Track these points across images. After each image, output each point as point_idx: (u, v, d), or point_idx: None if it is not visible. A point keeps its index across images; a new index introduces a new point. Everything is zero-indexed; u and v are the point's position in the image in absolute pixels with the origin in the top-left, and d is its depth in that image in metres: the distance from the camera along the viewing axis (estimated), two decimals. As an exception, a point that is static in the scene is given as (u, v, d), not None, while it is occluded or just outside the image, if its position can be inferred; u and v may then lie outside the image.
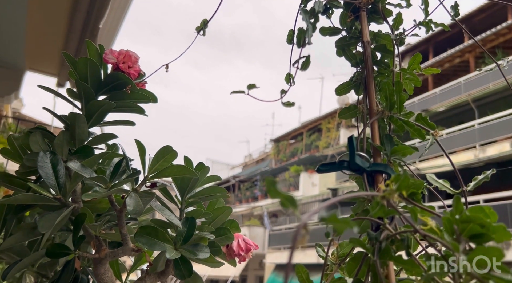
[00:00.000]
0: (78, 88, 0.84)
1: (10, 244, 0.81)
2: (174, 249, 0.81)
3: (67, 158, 0.82)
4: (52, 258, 0.80)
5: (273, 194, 0.30)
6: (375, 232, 0.47)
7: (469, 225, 0.37)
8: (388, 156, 0.53)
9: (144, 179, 0.79)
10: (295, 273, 0.52)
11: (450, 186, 0.59)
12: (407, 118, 0.55)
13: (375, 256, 0.44)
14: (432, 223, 0.40)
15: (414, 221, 0.40)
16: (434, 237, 0.37)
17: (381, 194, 0.37)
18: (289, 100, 0.57)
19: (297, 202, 0.28)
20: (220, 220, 0.95)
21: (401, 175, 0.35)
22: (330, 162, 0.55)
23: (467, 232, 0.37)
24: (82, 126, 0.82)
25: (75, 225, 0.76)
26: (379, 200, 0.37)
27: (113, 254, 0.79)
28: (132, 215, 0.72)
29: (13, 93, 3.64)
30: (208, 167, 0.92)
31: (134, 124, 0.93)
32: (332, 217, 0.27)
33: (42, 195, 0.75)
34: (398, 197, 0.37)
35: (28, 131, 0.84)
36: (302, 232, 0.27)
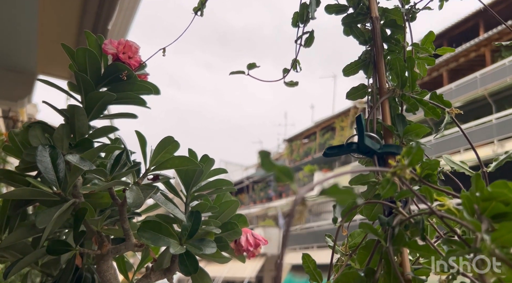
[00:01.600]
0: (77, 80, 0.81)
1: (10, 242, 0.79)
2: (179, 244, 0.78)
3: (67, 152, 0.79)
4: (53, 255, 0.77)
5: (267, 167, 0.26)
6: (387, 217, 0.43)
7: (491, 203, 0.33)
8: (401, 136, 0.49)
9: (146, 171, 0.76)
10: (302, 263, 0.48)
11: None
12: (421, 96, 0.51)
13: (387, 243, 0.40)
14: (449, 203, 0.36)
15: (430, 202, 0.35)
16: (453, 218, 0.33)
17: (391, 170, 0.33)
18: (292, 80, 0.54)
19: (293, 173, 0.25)
20: (228, 214, 0.92)
21: (414, 147, 0.31)
22: (338, 145, 0.51)
23: (490, 211, 0.33)
24: (82, 119, 0.80)
25: (75, 220, 0.73)
26: (389, 176, 0.33)
27: (116, 250, 0.77)
28: (132, 207, 0.69)
29: (26, 97, 3.68)
30: (213, 159, 0.89)
31: (136, 117, 0.90)
32: (333, 188, 0.23)
33: (40, 190, 0.73)
34: (411, 174, 0.33)
35: (27, 125, 0.82)
36: (299, 208, 0.24)
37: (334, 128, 18.69)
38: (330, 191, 0.24)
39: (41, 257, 0.83)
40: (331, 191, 0.24)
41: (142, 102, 0.87)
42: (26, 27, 2.95)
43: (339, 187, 0.23)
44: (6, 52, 3.28)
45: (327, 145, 13.22)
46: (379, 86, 0.53)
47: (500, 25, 11.93)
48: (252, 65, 0.52)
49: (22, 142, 0.85)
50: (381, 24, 0.58)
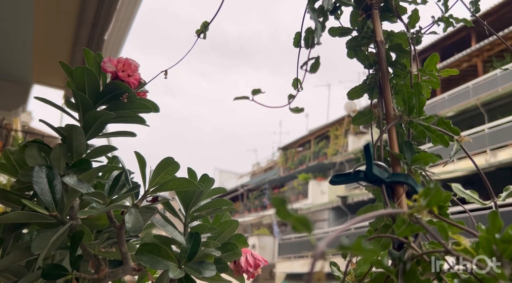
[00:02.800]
0: (76, 99, 0.80)
1: (5, 265, 0.76)
2: (178, 268, 0.76)
3: (64, 172, 0.78)
4: (48, 279, 0.75)
5: (283, 216, 0.25)
6: (398, 251, 0.41)
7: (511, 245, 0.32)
8: (409, 164, 0.48)
9: (145, 193, 0.75)
10: None
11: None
12: (428, 123, 0.50)
13: (399, 279, 0.39)
14: (465, 242, 0.35)
15: (445, 239, 0.34)
16: (471, 260, 0.32)
17: (408, 212, 0.32)
18: (297, 106, 0.53)
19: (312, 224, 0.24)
20: (227, 235, 0.90)
21: (432, 189, 0.30)
22: (345, 172, 0.50)
23: (509, 253, 0.32)
24: (80, 138, 0.78)
25: (72, 244, 0.71)
26: (406, 217, 0.32)
27: (113, 274, 0.75)
28: (131, 232, 0.68)
29: (21, 106, 3.65)
30: (213, 179, 0.88)
31: (135, 135, 0.88)
32: (356, 246, 0.22)
33: (37, 213, 0.71)
34: (427, 214, 0.32)
35: (24, 145, 0.81)
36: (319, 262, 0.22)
37: (328, 136, 18.74)
38: (354, 249, 0.22)
39: (36, 280, 0.80)
40: (355, 249, 0.22)
41: (142, 121, 0.86)
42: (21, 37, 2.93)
43: (363, 245, 0.22)
44: (1, 62, 3.25)
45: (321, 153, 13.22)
46: (385, 112, 0.52)
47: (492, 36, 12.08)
48: (256, 91, 0.51)
49: (18, 161, 0.83)
50: (386, 48, 0.57)
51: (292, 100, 0.53)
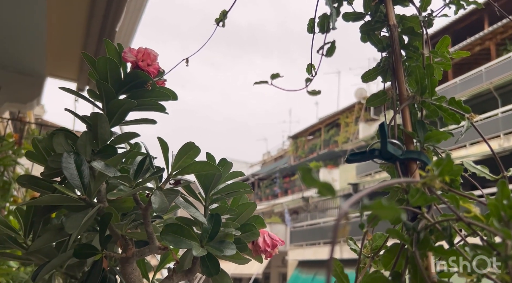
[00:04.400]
0: (99, 88, 0.83)
1: (38, 246, 0.81)
2: (200, 247, 0.80)
3: (90, 158, 0.82)
4: (80, 258, 0.80)
5: (309, 182, 0.28)
6: (412, 222, 0.44)
7: (518, 210, 0.34)
8: (422, 142, 0.51)
9: (168, 176, 0.78)
10: (329, 267, 0.50)
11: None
12: (440, 102, 0.53)
13: (413, 247, 0.42)
14: (475, 210, 0.37)
15: (456, 209, 0.37)
16: (481, 225, 0.35)
17: (422, 180, 0.34)
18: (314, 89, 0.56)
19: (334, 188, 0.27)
20: (245, 216, 0.94)
21: (444, 159, 0.33)
22: (360, 151, 0.52)
23: (516, 218, 0.34)
24: (104, 126, 0.82)
25: (101, 225, 0.76)
26: (420, 187, 0.34)
27: (140, 253, 0.79)
28: (157, 212, 0.72)
29: (35, 99, 3.72)
30: (231, 163, 0.91)
31: (156, 123, 0.92)
32: (377, 204, 0.25)
33: (67, 196, 0.75)
34: (439, 183, 0.35)
35: (51, 133, 0.85)
36: (343, 222, 0.26)
37: (339, 124, 18.67)
38: (374, 207, 0.25)
39: (67, 260, 0.85)
40: (375, 207, 0.25)
41: (162, 108, 0.89)
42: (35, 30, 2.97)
43: (383, 203, 0.25)
44: (15, 55, 3.31)
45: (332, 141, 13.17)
46: (399, 93, 0.55)
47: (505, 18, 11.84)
48: (275, 75, 0.54)
49: (45, 148, 0.87)
50: (398, 32, 0.59)
51: (309, 83, 0.56)
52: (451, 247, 0.39)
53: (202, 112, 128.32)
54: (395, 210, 0.25)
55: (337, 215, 0.26)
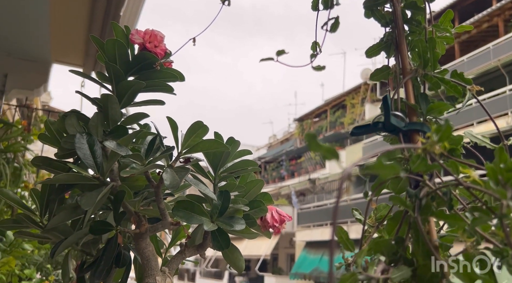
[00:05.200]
0: (108, 70, 0.85)
1: (55, 223, 0.84)
2: (211, 222, 0.83)
3: (102, 139, 0.84)
4: (96, 234, 0.83)
5: (314, 148, 0.30)
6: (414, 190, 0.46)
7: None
8: (424, 114, 0.52)
9: (178, 154, 0.81)
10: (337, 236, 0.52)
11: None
12: (442, 75, 0.54)
13: (416, 213, 0.44)
14: (474, 175, 0.39)
15: (456, 175, 0.39)
16: (479, 188, 0.36)
17: (422, 146, 0.36)
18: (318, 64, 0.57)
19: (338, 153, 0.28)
20: (253, 193, 0.96)
21: (443, 125, 0.34)
22: (364, 124, 0.54)
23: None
24: (115, 107, 0.84)
25: (115, 202, 0.79)
26: (420, 152, 0.36)
27: (153, 228, 0.82)
28: (169, 188, 0.74)
29: (42, 86, 3.75)
30: (238, 141, 0.93)
31: (164, 104, 0.94)
32: (378, 164, 0.27)
33: (82, 175, 0.78)
34: (439, 149, 0.36)
35: (63, 115, 0.87)
36: (346, 182, 0.28)
37: (344, 106, 18.58)
38: (376, 166, 0.27)
39: (83, 237, 0.88)
40: (377, 167, 0.27)
41: (170, 89, 0.91)
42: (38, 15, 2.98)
43: (384, 163, 0.27)
44: (20, 41, 3.32)
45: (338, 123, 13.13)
46: (402, 67, 0.56)
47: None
48: (281, 51, 0.55)
49: (58, 130, 0.90)
50: (401, 6, 0.60)
51: (314, 59, 0.57)
52: (451, 211, 0.41)
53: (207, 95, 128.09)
54: (395, 168, 0.27)
55: (341, 176, 0.28)
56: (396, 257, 0.45)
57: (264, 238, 10.35)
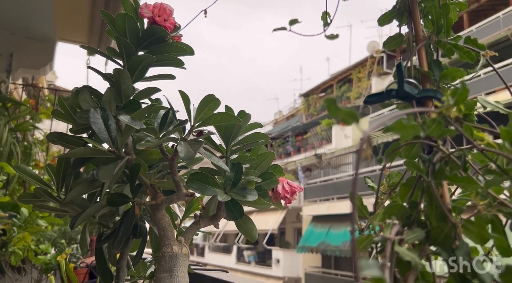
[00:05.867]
0: (119, 45, 0.86)
1: (73, 196, 0.87)
2: (224, 193, 0.85)
3: (115, 113, 0.85)
4: (113, 206, 0.85)
5: (333, 112, 0.31)
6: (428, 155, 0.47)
7: (528, 136, 0.37)
8: (437, 81, 0.53)
9: (191, 128, 0.82)
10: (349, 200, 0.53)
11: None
12: (456, 41, 0.54)
13: (429, 178, 0.45)
14: (488, 138, 0.40)
15: (470, 137, 0.40)
16: (493, 150, 0.37)
17: (438, 110, 0.37)
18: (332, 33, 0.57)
19: (358, 115, 0.29)
20: (264, 165, 0.98)
21: (459, 88, 0.35)
22: (377, 92, 0.55)
23: (527, 142, 0.37)
24: (127, 81, 0.85)
25: (131, 174, 0.80)
26: (436, 116, 0.37)
27: (169, 200, 0.84)
28: (184, 160, 0.76)
29: (48, 64, 3.75)
30: (249, 114, 0.94)
31: (175, 78, 0.94)
32: (398, 124, 0.28)
33: (98, 148, 0.79)
34: (455, 112, 0.37)
35: (76, 90, 0.88)
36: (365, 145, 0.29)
37: (351, 80, 18.40)
38: (396, 127, 0.28)
39: (100, 209, 0.91)
40: (397, 127, 0.28)
41: (180, 63, 0.91)
42: (42, -6, 2.95)
43: (403, 123, 0.28)
44: (24, 20, 3.31)
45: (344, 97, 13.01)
46: (415, 34, 0.56)
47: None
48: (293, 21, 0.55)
49: (71, 106, 0.91)
50: (414, -27, 0.59)
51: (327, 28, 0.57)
52: (466, 173, 0.42)
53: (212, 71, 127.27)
54: (415, 128, 0.28)
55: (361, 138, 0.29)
56: (409, 220, 0.47)
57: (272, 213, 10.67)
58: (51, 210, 0.98)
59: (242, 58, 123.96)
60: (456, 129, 0.38)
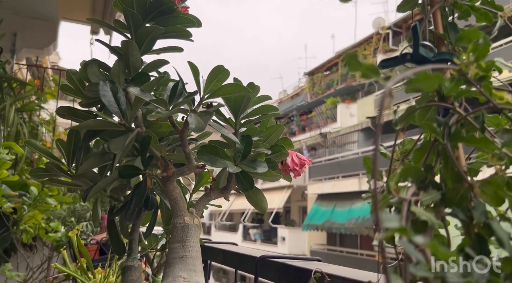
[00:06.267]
0: (126, 16, 0.84)
1: (85, 169, 0.88)
2: (234, 165, 0.85)
3: (124, 86, 0.85)
4: (124, 178, 0.86)
5: (354, 67, 0.30)
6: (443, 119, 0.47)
7: (549, 93, 0.36)
8: (453, 43, 0.52)
9: (201, 99, 0.81)
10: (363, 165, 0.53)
11: None
12: (472, 3, 0.53)
13: (445, 140, 0.45)
14: (508, 97, 0.39)
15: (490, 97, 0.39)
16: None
17: (457, 67, 0.36)
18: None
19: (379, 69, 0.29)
20: (274, 138, 0.98)
21: (480, 43, 0.34)
22: (391, 57, 0.54)
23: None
24: (135, 54, 0.84)
25: (142, 146, 0.81)
26: (455, 74, 0.36)
27: (180, 171, 0.85)
28: (195, 131, 0.76)
29: (52, 44, 3.73)
30: (258, 86, 0.93)
31: (182, 50, 0.94)
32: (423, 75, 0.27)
33: (108, 121, 0.79)
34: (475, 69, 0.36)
35: (84, 63, 0.88)
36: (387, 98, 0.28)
37: (356, 57, 18.14)
38: (419, 79, 0.28)
39: (111, 182, 0.92)
40: (420, 79, 0.28)
41: (188, 35, 0.90)
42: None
43: (428, 74, 0.27)
44: None
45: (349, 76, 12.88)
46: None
47: None
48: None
49: (79, 80, 0.91)
50: None
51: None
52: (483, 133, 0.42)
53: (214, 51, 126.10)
54: (440, 77, 0.27)
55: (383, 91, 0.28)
56: (424, 184, 0.47)
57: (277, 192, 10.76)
58: (63, 184, 0.99)
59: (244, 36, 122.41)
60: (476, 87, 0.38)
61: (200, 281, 0.79)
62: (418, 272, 0.33)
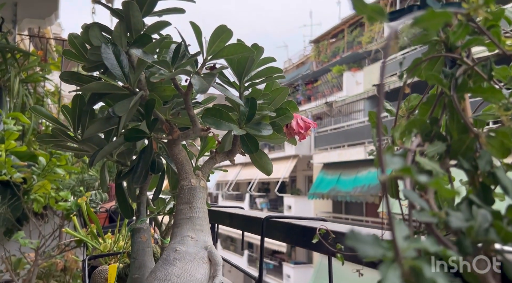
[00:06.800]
0: (126, -24, 0.82)
1: (91, 133, 0.88)
2: (239, 128, 0.85)
3: (127, 49, 0.84)
4: (130, 141, 0.87)
5: (360, 8, 0.29)
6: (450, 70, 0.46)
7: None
8: (462, -7, 0.50)
9: (204, 61, 0.80)
10: (368, 119, 0.53)
11: None
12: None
13: (452, 91, 0.44)
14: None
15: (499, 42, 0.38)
16: (522, 53, 0.36)
17: (465, 11, 0.35)
18: None
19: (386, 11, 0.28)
20: (279, 101, 0.97)
21: (490, -14, 0.33)
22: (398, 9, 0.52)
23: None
24: (137, 15, 0.83)
25: (146, 110, 0.81)
26: (463, 19, 0.35)
27: (185, 134, 0.85)
28: (199, 92, 0.75)
29: (53, 14, 3.68)
30: (262, 48, 0.91)
31: (184, 12, 0.92)
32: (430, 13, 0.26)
33: (112, 84, 0.79)
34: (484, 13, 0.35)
35: (86, 26, 0.86)
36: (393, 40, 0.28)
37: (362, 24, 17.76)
38: (426, 17, 0.27)
39: (118, 146, 0.93)
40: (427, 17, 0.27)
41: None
42: None
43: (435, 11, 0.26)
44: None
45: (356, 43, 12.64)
46: None
47: None
48: None
49: (82, 44, 0.90)
50: None
51: None
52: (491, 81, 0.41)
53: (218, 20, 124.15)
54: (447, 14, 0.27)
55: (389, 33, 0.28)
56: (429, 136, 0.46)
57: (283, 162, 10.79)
58: (70, 149, 1.00)
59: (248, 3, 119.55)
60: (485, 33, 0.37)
61: (207, 240, 0.80)
62: (421, 218, 0.33)
